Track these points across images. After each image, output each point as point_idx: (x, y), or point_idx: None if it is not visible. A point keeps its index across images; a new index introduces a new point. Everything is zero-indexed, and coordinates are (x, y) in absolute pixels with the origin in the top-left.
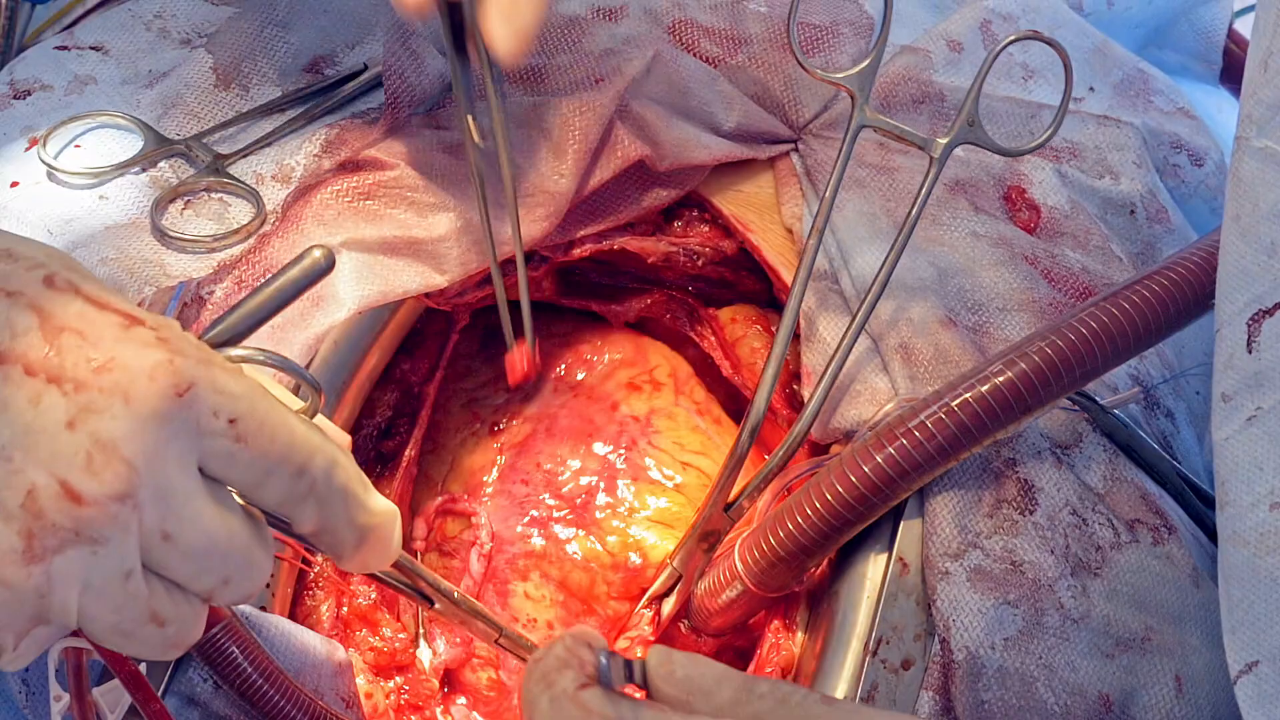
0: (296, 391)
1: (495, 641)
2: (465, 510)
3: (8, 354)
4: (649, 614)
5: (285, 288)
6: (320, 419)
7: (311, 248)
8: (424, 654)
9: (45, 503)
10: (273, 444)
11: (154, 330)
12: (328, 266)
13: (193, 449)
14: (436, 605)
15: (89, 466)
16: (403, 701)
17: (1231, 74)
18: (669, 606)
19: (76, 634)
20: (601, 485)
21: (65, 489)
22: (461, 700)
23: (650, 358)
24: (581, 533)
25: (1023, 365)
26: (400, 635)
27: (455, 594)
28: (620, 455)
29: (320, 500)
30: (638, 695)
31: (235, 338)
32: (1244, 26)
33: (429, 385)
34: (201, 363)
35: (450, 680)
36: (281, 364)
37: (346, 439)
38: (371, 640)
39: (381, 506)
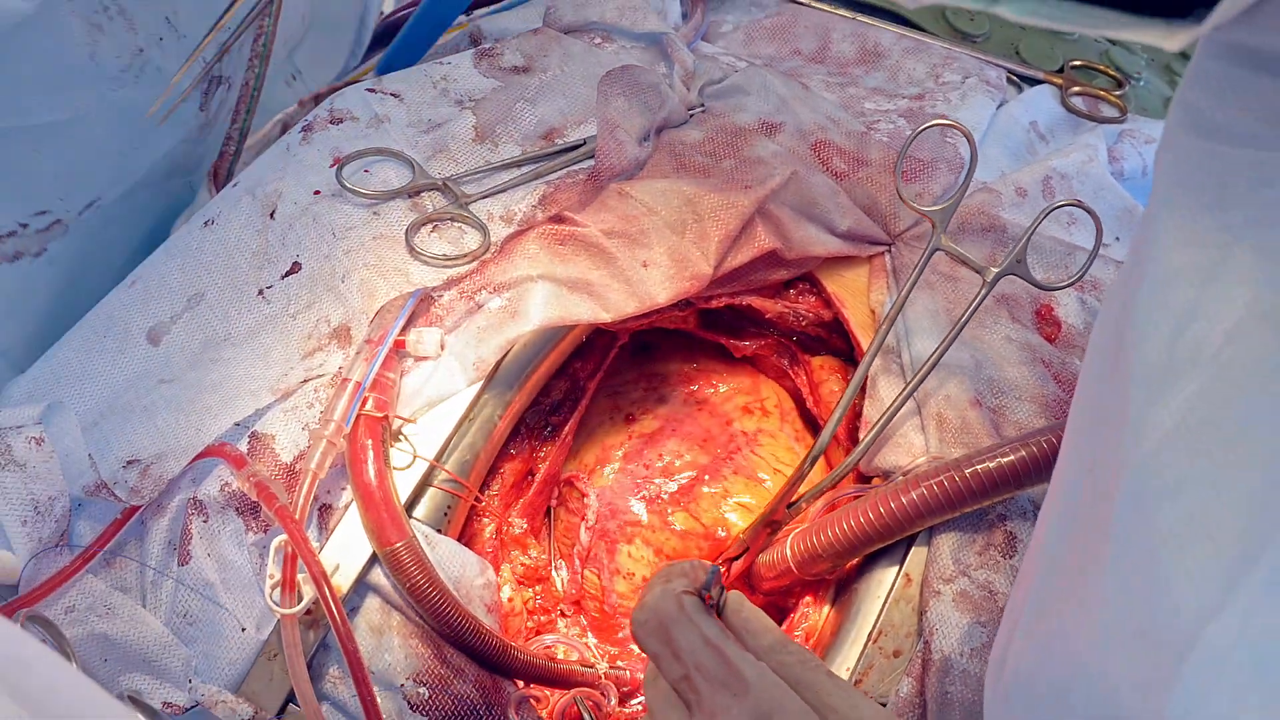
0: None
1: None
2: (581, 490)
3: None
4: (721, 570)
5: None
6: None
7: None
8: (556, 574)
9: None
10: None
11: None
12: None
13: None
14: None
15: None
16: (536, 605)
17: None
18: (736, 567)
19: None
20: (707, 476)
21: None
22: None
23: (763, 390)
24: (683, 510)
25: (1024, 453)
26: (542, 556)
27: None
28: (726, 457)
29: None
30: None
31: None
32: None
33: (591, 381)
34: None
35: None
36: None
37: None
38: (522, 558)
39: None
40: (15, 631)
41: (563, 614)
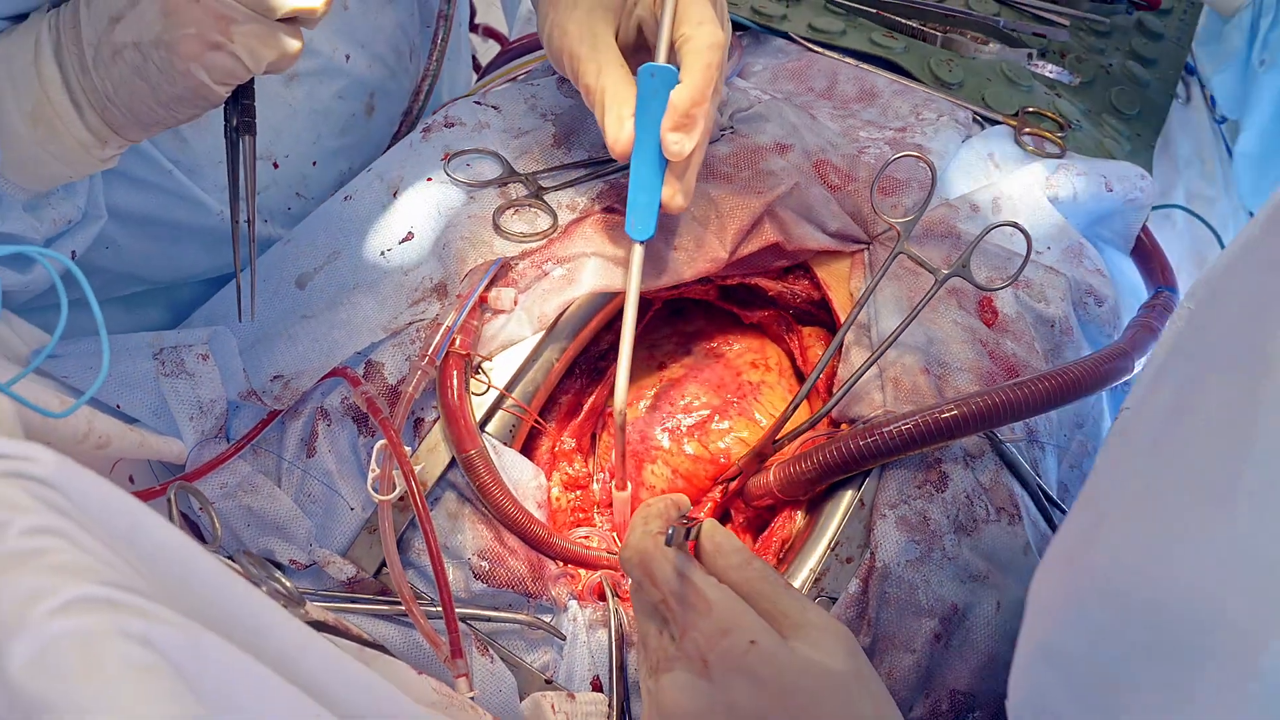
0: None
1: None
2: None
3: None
4: (719, 489)
5: None
6: None
7: None
8: (596, 484)
9: None
10: None
11: None
12: None
13: None
14: None
15: None
16: (576, 505)
17: (1138, 249)
18: (732, 486)
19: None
20: (717, 416)
21: None
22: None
23: (768, 352)
24: (696, 440)
25: (958, 411)
26: (583, 469)
27: None
28: (733, 402)
29: None
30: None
31: None
32: (1153, 224)
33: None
34: None
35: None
36: None
37: None
38: (568, 469)
39: None
40: (116, 491)
41: (599, 511)
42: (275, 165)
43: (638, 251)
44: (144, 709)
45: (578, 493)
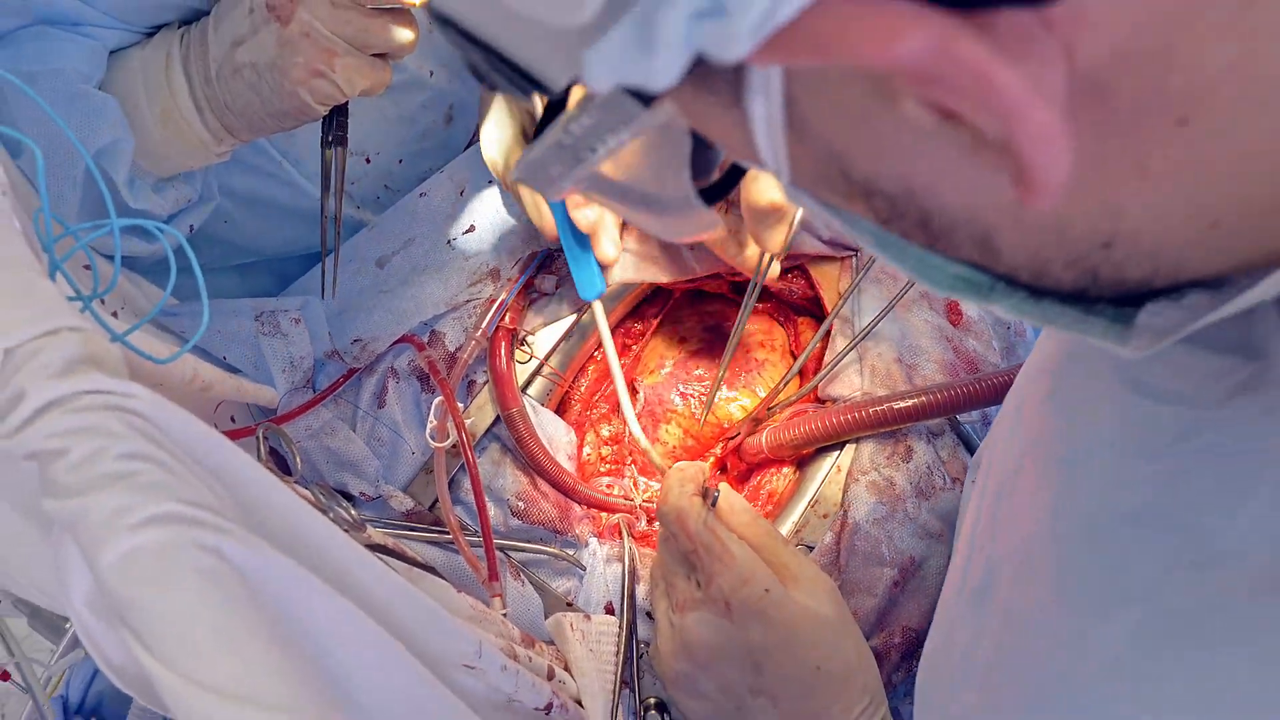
0: None
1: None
2: (636, 387)
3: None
4: (720, 446)
5: None
6: None
7: None
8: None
9: None
10: None
11: None
12: None
13: None
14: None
15: None
16: (612, 458)
17: None
18: (731, 445)
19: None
20: (724, 385)
21: None
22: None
23: (774, 333)
24: (703, 406)
25: (924, 399)
26: (619, 425)
27: None
28: (740, 373)
29: None
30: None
31: None
32: None
33: (654, 320)
34: None
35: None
36: None
37: None
38: (605, 428)
39: None
40: (203, 426)
41: (633, 462)
42: (368, 160)
43: (597, 307)
44: (208, 608)
45: (614, 446)
